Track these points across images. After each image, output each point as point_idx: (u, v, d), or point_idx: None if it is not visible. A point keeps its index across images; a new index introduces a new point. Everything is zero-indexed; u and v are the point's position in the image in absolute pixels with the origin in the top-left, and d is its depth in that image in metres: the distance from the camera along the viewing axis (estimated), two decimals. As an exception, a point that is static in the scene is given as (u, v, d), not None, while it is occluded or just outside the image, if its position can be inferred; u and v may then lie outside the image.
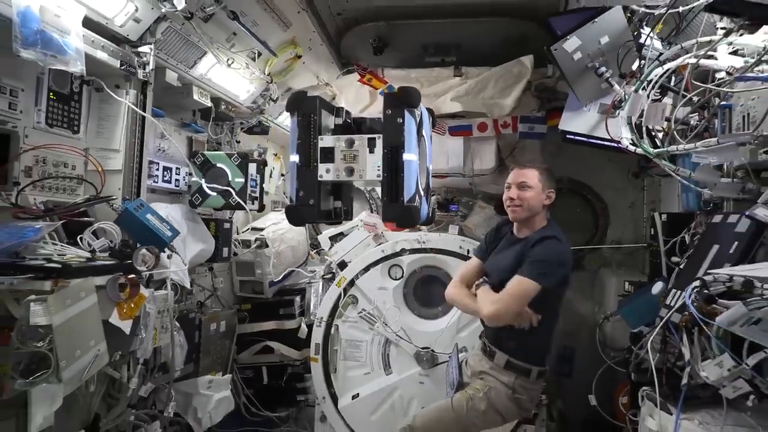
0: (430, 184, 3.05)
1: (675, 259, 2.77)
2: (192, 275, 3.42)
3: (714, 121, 2.33)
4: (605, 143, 2.94)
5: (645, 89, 2.39)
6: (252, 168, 3.58)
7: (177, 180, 3.46)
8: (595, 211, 4.70)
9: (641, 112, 2.43)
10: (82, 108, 2.66)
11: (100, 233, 2.45)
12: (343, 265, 3.93)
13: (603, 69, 2.72)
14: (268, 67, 3.82)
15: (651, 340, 1.98)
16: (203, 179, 3.47)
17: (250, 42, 3.41)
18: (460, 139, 4.23)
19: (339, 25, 4.09)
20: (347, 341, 3.85)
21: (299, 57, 3.99)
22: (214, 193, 3.47)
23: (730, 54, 2.24)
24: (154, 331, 2.51)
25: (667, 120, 2.43)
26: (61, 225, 2.30)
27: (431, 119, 3.01)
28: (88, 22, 2.40)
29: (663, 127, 2.52)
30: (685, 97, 2.31)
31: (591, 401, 3.51)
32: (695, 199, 2.78)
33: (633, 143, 2.51)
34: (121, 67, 2.65)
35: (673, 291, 2.15)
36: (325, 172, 2.59)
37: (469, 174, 4.33)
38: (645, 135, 2.47)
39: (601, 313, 4.05)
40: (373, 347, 3.81)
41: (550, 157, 4.30)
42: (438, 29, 3.96)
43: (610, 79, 2.72)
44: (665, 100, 2.51)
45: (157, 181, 3.24)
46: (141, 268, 2.32)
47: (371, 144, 2.56)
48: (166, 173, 3.35)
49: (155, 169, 3.21)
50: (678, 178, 2.46)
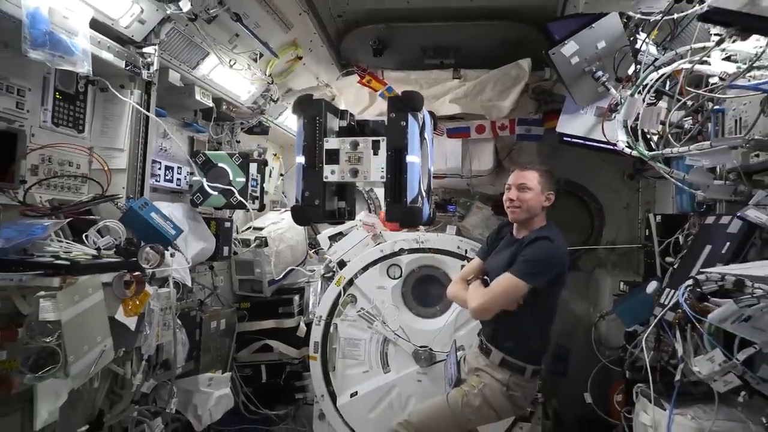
0: (431, 185, 3.10)
1: (669, 259, 2.83)
2: (192, 273, 3.45)
3: (707, 125, 2.39)
4: (601, 145, 2.99)
5: (640, 93, 2.44)
6: (253, 168, 3.63)
7: (178, 179, 3.50)
8: (590, 212, 4.75)
9: (637, 115, 2.48)
10: (87, 107, 2.70)
11: (104, 231, 2.49)
12: (342, 264, 3.97)
13: (600, 73, 2.77)
14: (269, 68, 3.86)
15: (645, 338, 2.03)
16: (205, 178, 3.51)
17: (252, 43, 3.44)
18: (459, 140, 4.29)
19: (339, 27, 4.13)
20: (346, 340, 3.89)
21: (300, 58, 4.03)
22: (216, 192, 3.51)
23: (723, 60, 2.30)
24: (157, 328, 2.55)
25: (662, 123, 2.49)
26: (66, 223, 2.33)
27: (433, 122, 3.06)
28: (94, 23, 2.44)
29: (658, 131, 2.57)
30: (680, 101, 2.37)
31: (586, 399, 3.56)
32: (689, 200, 2.83)
33: (629, 146, 2.56)
34: (126, 68, 2.69)
35: (667, 290, 2.21)
36: (330, 174, 2.65)
37: (467, 175, 4.39)
38: (640, 138, 2.52)
39: (596, 313, 4.10)
40: (372, 346, 3.85)
41: (546, 159, 4.35)
42: (437, 32, 4.00)
43: (606, 82, 2.77)
44: (660, 103, 2.56)
45: (158, 180, 3.28)
46: (146, 266, 2.35)
47: (375, 146, 2.62)
48: (167, 172, 3.39)
49: (157, 169, 3.25)
50: (672, 180, 2.51)
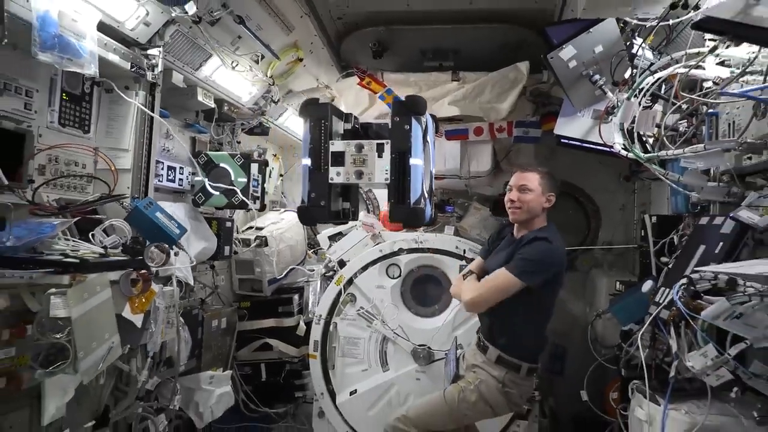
0: (433, 186, 3.16)
1: (664, 259, 2.88)
2: (193, 272, 3.48)
3: (702, 128, 2.45)
4: (598, 147, 3.05)
5: (637, 97, 2.50)
6: (254, 168, 3.67)
7: (180, 179, 3.53)
8: (587, 213, 4.80)
9: (633, 118, 2.54)
10: (92, 108, 2.74)
11: (109, 230, 2.52)
12: (341, 264, 4.01)
13: (597, 77, 2.83)
14: (271, 70, 3.91)
15: (641, 336, 2.08)
16: (207, 179, 3.55)
17: (254, 45, 3.49)
18: (457, 141, 4.34)
19: (339, 29, 4.18)
20: (345, 338, 3.93)
21: (300, 60, 4.08)
22: (217, 192, 3.55)
23: (718, 64, 2.36)
24: (162, 325, 2.59)
25: (658, 126, 2.55)
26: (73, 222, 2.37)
27: (435, 125, 3.12)
28: (100, 26, 2.47)
29: (653, 133, 2.64)
30: (675, 104, 2.43)
31: (582, 397, 3.62)
32: (683, 201, 2.88)
33: (625, 148, 2.62)
34: (132, 69, 2.73)
35: (662, 289, 2.26)
36: (336, 175, 2.72)
37: (465, 176, 4.44)
38: (636, 140, 2.58)
39: (593, 312, 4.16)
40: (371, 344, 3.89)
41: (543, 161, 4.40)
42: (436, 35, 4.05)
43: (603, 86, 2.84)
44: (656, 107, 2.62)
45: (161, 180, 3.31)
46: (151, 264, 2.39)
47: (380, 149, 2.69)
48: (170, 172, 3.42)
49: (160, 169, 3.28)
50: (667, 181, 2.57)
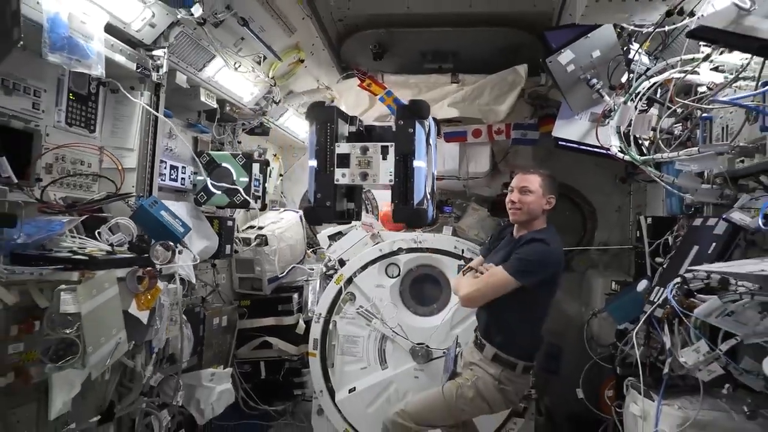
0: (435, 187, 3.23)
1: (659, 259, 2.93)
2: (195, 271, 3.52)
3: (696, 132, 2.51)
4: (595, 150, 3.11)
5: (633, 101, 2.56)
6: (255, 168, 3.71)
7: (183, 178, 3.57)
8: (583, 215, 4.87)
9: (629, 121, 2.61)
10: (98, 108, 2.77)
11: (114, 228, 2.56)
12: (341, 263, 4.06)
13: (594, 81, 2.90)
14: (272, 71, 3.95)
15: (635, 333, 2.14)
16: (209, 178, 3.59)
17: (256, 46, 3.53)
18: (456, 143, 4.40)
19: (340, 31, 4.23)
20: (345, 337, 3.98)
21: (302, 61, 4.12)
22: (219, 191, 3.59)
23: (712, 70, 2.42)
24: (166, 322, 2.63)
25: (653, 130, 2.62)
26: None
27: (437, 128, 3.19)
28: (107, 27, 2.51)
29: (649, 136, 2.70)
30: (670, 109, 2.49)
31: (578, 394, 3.67)
32: (678, 203, 2.95)
33: (621, 150, 2.68)
34: (137, 70, 2.76)
35: (657, 288, 2.32)
36: (341, 176, 2.80)
37: (463, 177, 4.50)
38: (632, 143, 2.64)
39: (588, 312, 4.22)
40: (370, 343, 3.94)
41: (540, 162, 4.46)
42: (436, 37, 4.11)
43: (600, 90, 2.90)
44: (651, 111, 2.69)
45: (164, 179, 3.34)
46: (157, 262, 2.43)
47: (384, 151, 2.77)
48: (172, 172, 3.46)
49: (163, 168, 3.31)
50: (662, 183, 2.64)
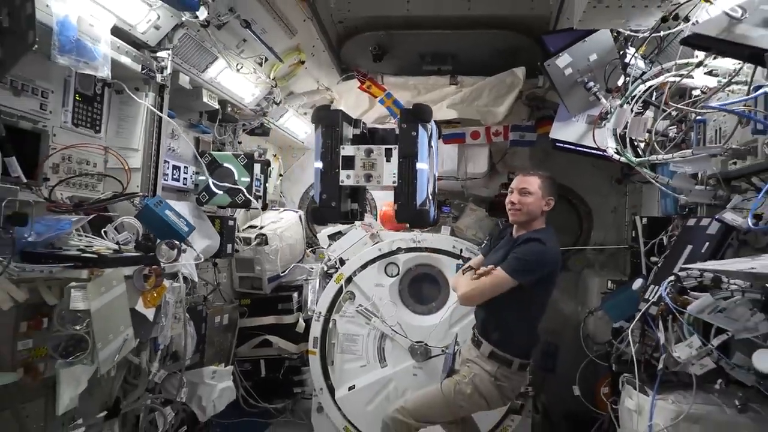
0: (436, 189, 3.29)
1: (654, 258, 3.00)
2: (196, 270, 3.56)
3: (690, 134, 2.57)
4: (592, 151, 3.17)
5: (629, 104, 2.62)
6: (257, 168, 3.75)
7: (185, 178, 3.61)
8: (579, 215, 4.93)
9: (625, 124, 2.67)
10: (103, 109, 2.82)
11: (119, 227, 2.61)
12: (341, 262, 4.11)
13: (591, 84, 2.96)
14: (273, 72, 4.00)
15: (631, 330, 2.20)
16: (211, 178, 3.63)
17: (258, 48, 3.57)
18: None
19: (340, 33, 4.27)
20: (344, 335, 4.02)
21: (302, 62, 4.17)
22: (221, 191, 3.63)
23: (706, 74, 2.48)
24: (171, 320, 2.67)
25: (648, 132, 2.68)
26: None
27: (438, 131, 3.26)
28: (113, 29, 2.55)
29: (644, 139, 2.76)
30: (665, 111, 2.55)
31: (575, 391, 3.73)
32: (672, 204, 3.00)
33: (617, 152, 2.74)
34: (142, 71, 2.81)
35: (652, 287, 2.38)
36: (346, 178, 2.88)
37: (462, 177, 4.55)
38: (628, 145, 2.70)
39: (584, 311, 4.27)
40: (369, 341, 3.98)
41: (537, 163, 4.52)
42: (435, 39, 4.16)
43: (597, 93, 2.96)
44: (647, 113, 2.75)
45: (166, 179, 3.38)
46: (162, 260, 2.48)
47: (388, 154, 2.86)
48: (175, 171, 3.50)
49: (165, 168, 3.35)
50: (657, 184, 2.70)
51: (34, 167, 2.32)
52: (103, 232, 2.48)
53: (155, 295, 2.39)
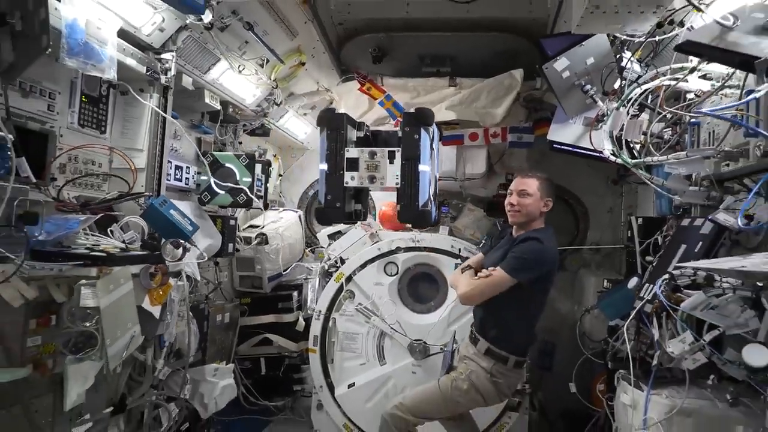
0: (437, 190, 3.35)
1: (649, 258, 3.05)
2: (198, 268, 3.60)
3: (685, 137, 2.63)
4: (588, 153, 3.23)
5: (625, 106, 2.68)
6: (258, 168, 3.79)
7: (187, 178, 3.65)
8: (576, 215, 5.00)
9: (621, 126, 2.72)
10: (108, 110, 2.85)
11: (124, 227, 2.65)
12: (341, 261, 4.16)
13: (588, 86, 3.02)
14: (274, 73, 4.04)
15: (626, 327, 2.25)
16: (213, 178, 3.67)
17: (260, 50, 3.62)
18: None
19: (340, 35, 4.32)
20: (344, 333, 4.08)
21: (303, 64, 4.22)
22: (223, 191, 3.68)
23: (700, 78, 2.54)
24: (176, 318, 2.72)
25: (644, 134, 2.74)
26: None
27: (440, 134, 3.32)
28: (119, 31, 2.59)
29: (640, 140, 2.82)
30: (660, 114, 2.61)
31: (571, 389, 3.79)
32: (667, 204, 3.06)
33: (614, 154, 2.80)
34: (147, 73, 2.85)
35: (647, 285, 2.44)
36: (350, 179, 2.94)
37: (460, 178, 4.61)
38: (624, 147, 2.76)
39: (581, 310, 4.33)
40: (369, 339, 4.04)
41: (535, 164, 4.57)
42: (435, 41, 4.21)
43: (594, 95, 3.02)
44: (642, 116, 2.81)
45: (169, 179, 3.42)
46: (167, 259, 2.52)
47: (391, 156, 2.93)
48: (177, 172, 3.54)
49: (168, 168, 3.39)
50: (652, 185, 2.75)
51: (42, 168, 2.35)
52: (109, 231, 2.52)
53: (161, 293, 2.44)
